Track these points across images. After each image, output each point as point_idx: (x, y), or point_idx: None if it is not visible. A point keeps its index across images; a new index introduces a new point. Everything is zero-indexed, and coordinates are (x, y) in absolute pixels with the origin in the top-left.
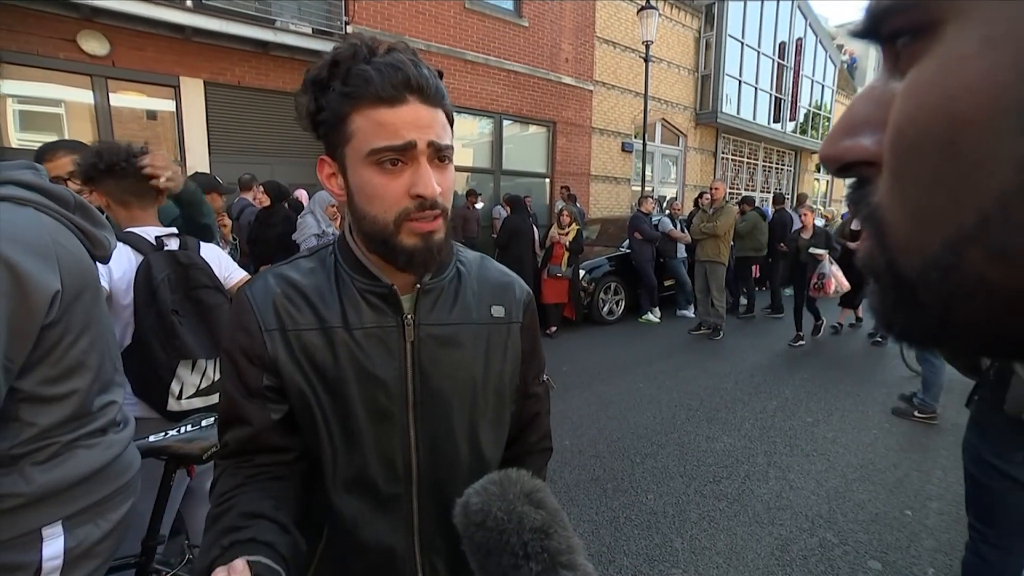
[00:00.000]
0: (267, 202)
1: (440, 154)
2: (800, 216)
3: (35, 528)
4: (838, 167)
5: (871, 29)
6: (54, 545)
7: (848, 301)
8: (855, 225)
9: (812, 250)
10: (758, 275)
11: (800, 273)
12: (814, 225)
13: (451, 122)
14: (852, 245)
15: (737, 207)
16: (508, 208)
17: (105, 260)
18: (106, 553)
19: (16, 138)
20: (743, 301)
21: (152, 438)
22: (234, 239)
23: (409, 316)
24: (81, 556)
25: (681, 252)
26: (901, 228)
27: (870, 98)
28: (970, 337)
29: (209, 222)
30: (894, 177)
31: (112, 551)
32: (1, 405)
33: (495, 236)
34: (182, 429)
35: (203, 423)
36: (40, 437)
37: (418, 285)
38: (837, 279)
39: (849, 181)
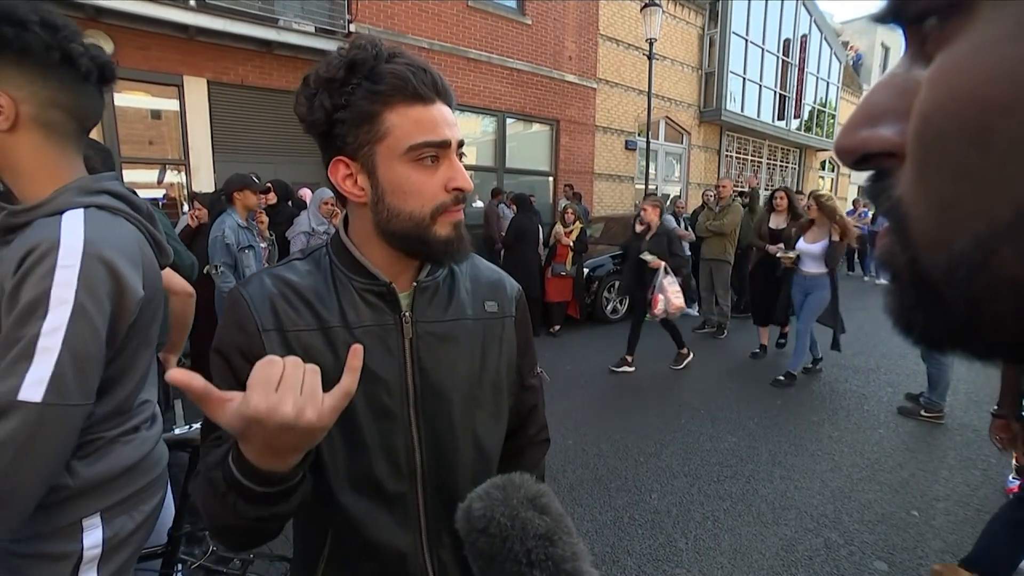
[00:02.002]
0: (273, 200)
1: (459, 151)
2: (641, 212)
3: (77, 519)
4: (856, 159)
5: (896, 10)
6: (94, 535)
7: (761, 317)
8: (774, 223)
9: (644, 256)
10: None
11: (641, 282)
12: (660, 224)
13: None
14: (772, 248)
15: (742, 205)
16: (514, 207)
17: (166, 266)
18: (138, 542)
19: None
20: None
21: (177, 431)
22: (271, 233)
23: (407, 313)
24: (117, 546)
25: (685, 250)
26: (925, 223)
27: (891, 86)
28: (998, 340)
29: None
30: (919, 169)
31: (143, 540)
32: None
33: (502, 235)
34: None
35: None
36: (87, 431)
37: (415, 283)
38: (667, 297)
39: (867, 174)
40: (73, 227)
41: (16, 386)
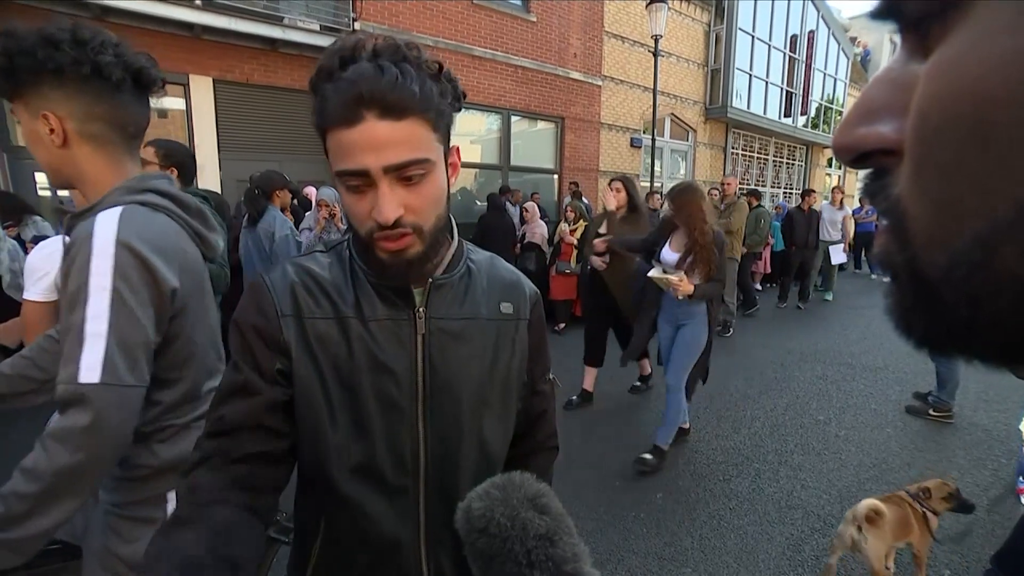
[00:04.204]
0: None
1: (405, 174)
2: None
3: (162, 492)
4: (853, 157)
5: (891, 7)
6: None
7: (594, 355)
8: (603, 228)
9: None
10: (768, 270)
11: None
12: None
13: (446, 123)
14: (597, 262)
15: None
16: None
17: (214, 261)
18: None
19: None
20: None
21: None
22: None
23: (421, 309)
24: None
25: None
26: (924, 221)
27: (888, 81)
28: (999, 341)
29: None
30: (917, 166)
31: None
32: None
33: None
34: None
35: None
36: (162, 416)
37: (430, 279)
38: None
39: (865, 172)
40: (107, 221)
41: (75, 373)
